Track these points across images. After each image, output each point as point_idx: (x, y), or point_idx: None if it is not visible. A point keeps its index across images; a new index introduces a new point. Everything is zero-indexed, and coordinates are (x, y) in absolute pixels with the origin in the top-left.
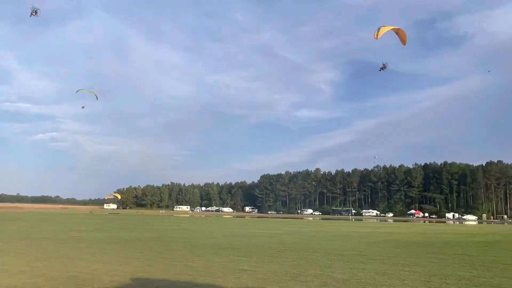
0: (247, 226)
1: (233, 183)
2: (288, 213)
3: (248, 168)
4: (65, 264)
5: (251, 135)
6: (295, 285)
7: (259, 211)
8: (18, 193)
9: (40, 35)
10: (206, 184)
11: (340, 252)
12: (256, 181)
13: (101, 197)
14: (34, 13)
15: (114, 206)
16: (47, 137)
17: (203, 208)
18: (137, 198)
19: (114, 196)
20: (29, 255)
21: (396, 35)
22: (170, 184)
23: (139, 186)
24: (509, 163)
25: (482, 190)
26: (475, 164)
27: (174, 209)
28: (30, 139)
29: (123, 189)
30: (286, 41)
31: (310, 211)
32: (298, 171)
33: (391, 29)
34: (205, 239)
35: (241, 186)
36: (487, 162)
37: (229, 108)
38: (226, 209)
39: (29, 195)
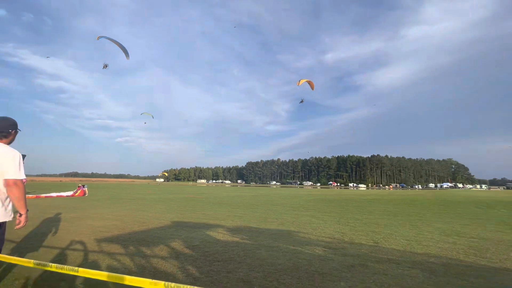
0: (238, 191)
1: (231, 167)
2: (262, 184)
3: (240, 158)
4: (132, 214)
5: (241, 139)
6: (265, 224)
7: (246, 183)
8: (105, 172)
9: (119, 80)
10: (216, 167)
11: (291, 205)
12: (244, 165)
13: (155, 174)
14: (105, 67)
15: (162, 180)
16: (123, 139)
17: (213, 181)
18: (175, 175)
19: (163, 174)
20: (111, 208)
21: (309, 84)
22: (195, 167)
23: (177, 168)
24: (382, 155)
25: (368, 171)
26: (365, 156)
27: (197, 181)
28: (112, 141)
29: (168, 170)
30: (262, 87)
31: (274, 182)
32: (268, 160)
33: (306, 80)
34: (214, 198)
35: (236, 168)
36: (371, 155)
37: (228, 124)
38: (227, 182)
39: (112, 173)
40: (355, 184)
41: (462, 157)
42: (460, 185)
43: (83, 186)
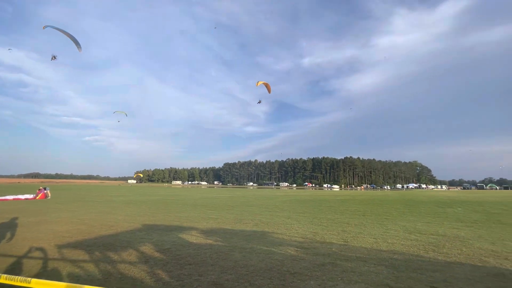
0: (214, 192)
1: (207, 168)
2: (239, 185)
3: (217, 159)
4: (100, 217)
5: (218, 140)
6: (240, 225)
7: (223, 184)
8: (72, 173)
9: (89, 76)
10: (192, 168)
11: (266, 206)
12: (221, 166)
13: (127, 175)
14: (53, 58)
15: (134, 181)
16: (92, 138)
17: (189, 182)
18: (149, 177)
19: (138, 175)
20: (77, 211)
21: (266, 87)
22: (170, 168)
23: (150, 169)
24: (355, 158)
25: (342, 172)
26: (338, 158)
27: (172, 183)
28: (80, 140)
29: (141, 170)
30: (240, 88)
31: (251, 183)
32: (245, 161)
33: (263, 83)
34: (188, 200)
35: (213, 169)
36: (345, 157)
37: (205, 125)
38: (203, 183)
39: (79, 174)
40: (329, 185)
41: (426, 159)
42: (424, 186)
43: (45, 189)
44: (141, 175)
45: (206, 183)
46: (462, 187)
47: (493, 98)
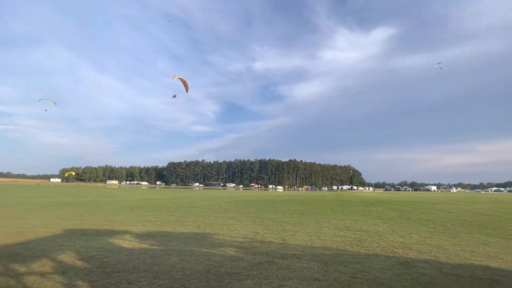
0: (156, 193)
1: (149, 167)
2: (184, 185)
3: (160, 158)
4: (10, 222)
5: (163, 137)
6: (180, 228)
7: (166, 185)
8: None
9: (2, 52)
10: (131, 167)
11: (210, 207)
12: (165, 166)
13: (49, 173)
14: None
15: (58, 180)
16: (4, 128)
17: (128, 182)
18: (78, 175)
19: (70, 173)
20: None
21: (183, 84)
22: (105, 166)
23: (80, 167)
24: (298, 160)
25: (286, 173)
26: (283, 160)
27: (106, 182)
28: None
29: (68, 168)
30: (190, 85)
31: (197, 184)
32: (192, 160)
33: (180, 79)
34: (125, 202)
35: (155, 168)
36: (289, 160)
37: (149, 120)
38: (144, 183)
39: None
40: (274, 186)
41: (358, 164)
42: (355, 188)
43: None
44: (73, 173)
45: (147, 183)
46: (384, 189)
47: (412, 114)
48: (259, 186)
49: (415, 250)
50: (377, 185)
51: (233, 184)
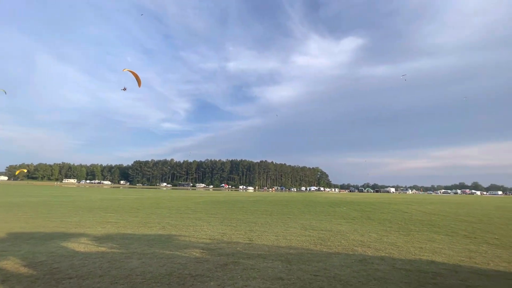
0: (119, 193)
1: (113, 165)
2: (150, 185)
3: (126, 156)
4: None
5: (130, 135)
6: (144, 229)
7: (131, 184)
8: None
9: None
10: (92, 165)
11: (178, 208)
12: (130, 164)
13: None
14: None
15: (5, 178)
16: None
17: (88, 181)
18: (29, 173)
19: (21, 171)
20: None
21: (136, 78)
22: (61, 163)
23: (32, 163)
24: (269, 161)
25: (256, 174)
26: (255, 161)
27: (63, 181)
28: None
29: (17, 165)
30: (160, 81)
31: (164, 184)
32: (160, 159)
33: (131, 71)
34: (83, 202)
35: (119, 167)
36: (260, 161)
37: (114, 116)
38: (106, 182)
39: None
40: (244, 187)
41: (325, 166)
42: (322, 189)
43: None
44: (25, 171)
45: (109, 182)
46: (349, 190)
47: (375, 121)
48: (230, 186)
49: (372, 248)
50: (342, 187)
51: (203, 185)
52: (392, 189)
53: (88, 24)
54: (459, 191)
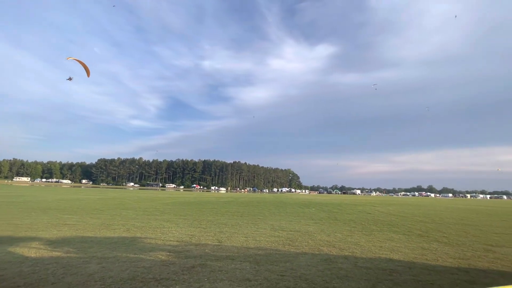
0: (79, 193)
1: (74, 163)
2: (116, 185)
3: (89, 153)
4: None
5: (95, 131)
6: (106, 232)
7: (94, 184)
8: None
9: None
10: (50, 162)
11: (145, 209)
12: (94, 162)
13: None
14: None
15: None
16: None
17: (43, 180)
18: None
19: None
20: None
21: (84, 68)
22: (12, 159)
23: None
24: (242, 162)
25: (229, 175)
26: (228, 161)
27: (14, 179)
28: None
29: None
30: (130, 75)
31: (131, 184)
32: (127, 158)
33: (77, 60)
34: (37, 203)
35: (81, 165)
36: (233, 161)
37: (77, 110)
38: (65, 181)
39: None
40: (216, 188)
41: (297, 168)
42: (293, 190)
43: None
44: None
45: (70, 181)
46: (318, 192)
47: (345, 125)
48: (201, 187)
49: (337, 247)
50: (312, 188)
51: (173, 185)
52: (358, 191)
53: (49, 8)
54: (416, 193)
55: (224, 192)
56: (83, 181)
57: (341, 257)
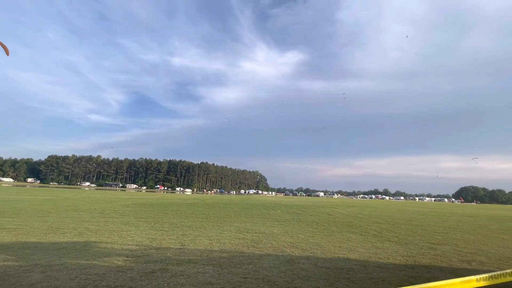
0: (23, 193)
1: (18, 159)
2: (69, 185)
3: (38, 149)
4: None
5: (46, 125)
6: (54, 237)
7: (42, 183)
8: None
9: None
10: None
11: (102, 211)
12: (43, 159)
13: None
14: None
15: None
16: None
17: None
18: None
19: None
20: None
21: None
22: None
23: None
24: (210, 163)
25: (196, 176)
26: (195, 162)
27: None
28: None
29: None
30: (91, 66)
31: (87, 183)
32: (84, 155)
33: None
34: None
35: (27, 162)
36: (201, 162)
37: (25, 100)
38: (6, 179)
39: None
40: (182, 189)
41: (264, 170)
42: (260, 192)
43: None
44: None
45: (11, 180)
46: (284, 194)
47: (311, 130)
48: (166, 188)
49: (299, 248)
50: (279, 190)
51: (135, 185)
52: (321, 194)
53: None
54: (373, 196)
55: (190, 193)
56: (29, 179)
57: (303, 258)
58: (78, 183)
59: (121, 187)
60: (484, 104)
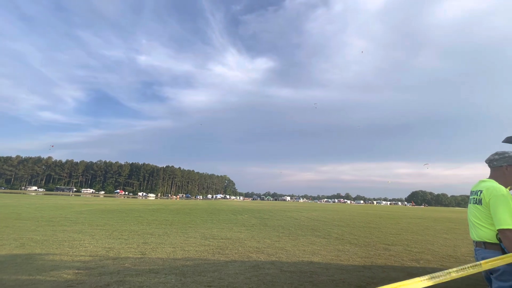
0: None
1: None
2: (11, 189)
3: None
4: None
5: None
6: None
7: None
8: None
9: None
10: None
11: (50, 219)
12: None
13: None
14: None
15: None
16: None
17: None
18: None
19: None
20: None
21: None
22: None
23: None
24: (176, 167)
25: (161, 180)
26: (160, 165)
27: None
28: None
29: None
30: (44, 58)
31: (34, 188)
32: (31, 156)
33: None
34: None
35: None
36: (166, 166)
37: None
38: None
39: None
40: (144, 193)
41: (233, 174)
42: (228, 197)
43: None
44: None
45: None
46: (252, 198)
47: (279, 135)
48: (126, 193)
49: (265, 253)
50: (247, 195)
51: (92, 190)
52: (288, 198)
53: None
54: (336, 200)
55: (153, 198)
56: None
57: (268, 263)
58: (23, 187)
59: (75, 191)
60: (433, 116)
